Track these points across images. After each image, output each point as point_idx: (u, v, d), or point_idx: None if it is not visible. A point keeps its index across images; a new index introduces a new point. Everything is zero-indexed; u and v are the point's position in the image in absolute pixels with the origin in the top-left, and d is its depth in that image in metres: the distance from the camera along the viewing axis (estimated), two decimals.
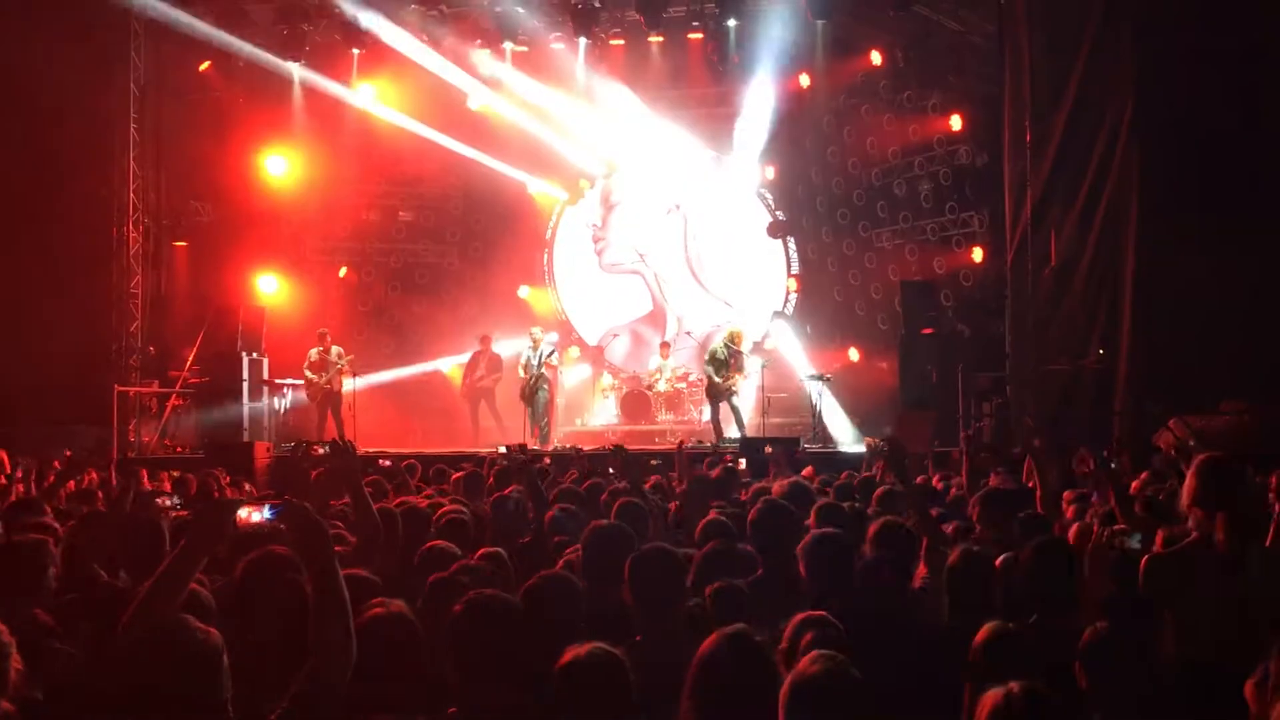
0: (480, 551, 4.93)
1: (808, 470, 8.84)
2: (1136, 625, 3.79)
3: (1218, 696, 3.36)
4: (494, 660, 3.16)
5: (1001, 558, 4.27)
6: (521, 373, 16.00)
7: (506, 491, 6.76)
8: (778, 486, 6.72)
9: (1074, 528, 5.34)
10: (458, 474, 8.50)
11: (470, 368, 17.35)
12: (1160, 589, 3.91)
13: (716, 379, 14.99)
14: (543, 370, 15.88)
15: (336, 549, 4.66)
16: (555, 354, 16.14)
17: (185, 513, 6.46)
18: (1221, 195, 12.19)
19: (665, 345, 18.14)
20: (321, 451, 5.77)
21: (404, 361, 18.21)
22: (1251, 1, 11.94)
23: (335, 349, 16.15)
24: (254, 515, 3.17)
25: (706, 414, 15.94)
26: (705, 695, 2.81)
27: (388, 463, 10.13)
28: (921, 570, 4.53)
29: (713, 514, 5.59)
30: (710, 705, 2.80)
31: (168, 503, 7.10)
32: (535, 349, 16.02)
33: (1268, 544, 4.01)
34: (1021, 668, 3.02)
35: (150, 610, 2.99)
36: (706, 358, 15.45)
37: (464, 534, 5.42)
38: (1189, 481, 4.03)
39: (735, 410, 15.06)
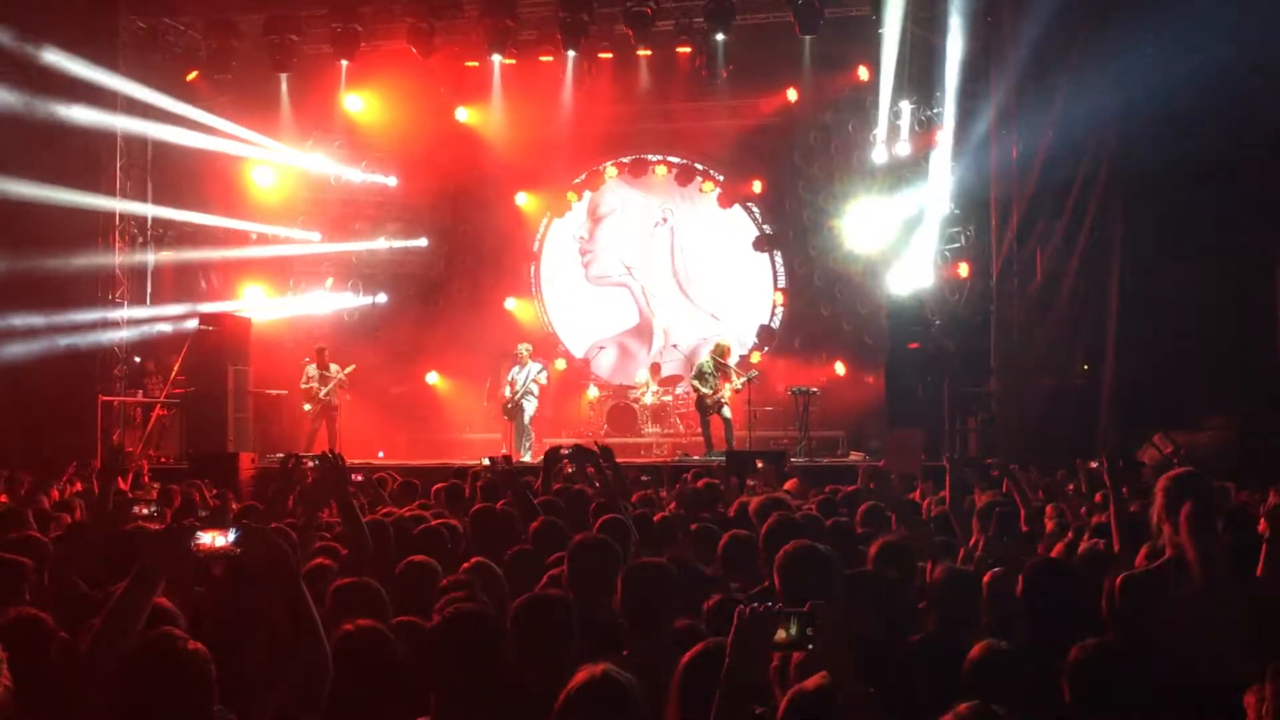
0: (465, 565, 4.91)
1: (791, 483, 8.83)
2: (1125, 643, 3.80)
3: (1205, 714, 3.37)
4: (471, 677, 3.13)
5: (990, 574, 4.27)
6: (507, 390, 16.06)
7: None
8: (755, 501, 6.73)
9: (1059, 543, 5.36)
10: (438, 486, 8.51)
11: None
12: (1134, 607, 3.91)
13: (705, 391, 15.06)
14: (531, 387, 15.93)
15: (320, 561, 4.65)
16: (544, 374, 16.19)
17: (160, 524, 6.41)
18: (1206, 213, 12.30)
19: (656, 366, 18.14)
20: (311, 465, 5.75)
21: (391, 373, 18.16)
22: (1238, 21, 12.03)
23: (334, 366, 16.22)
24: (216, 540, 3.13)
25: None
26: None
27: (359, 477, 10.03)
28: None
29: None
30: None
31: (144, 511, 7.04)
32: (523, 367, 16.04)
33: (1258, 572, 4.01)
34: (1012, 686, 3.03)
35: (110, 634, 2.97)
36: (694, 373, 15.53)
37: (442, 546, 5.40)
38: (1157, 498, 4.04)
39: (726, 423, 15.10)
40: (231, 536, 3.13)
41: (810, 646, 2.72)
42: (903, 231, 15.97)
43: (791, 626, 2.72)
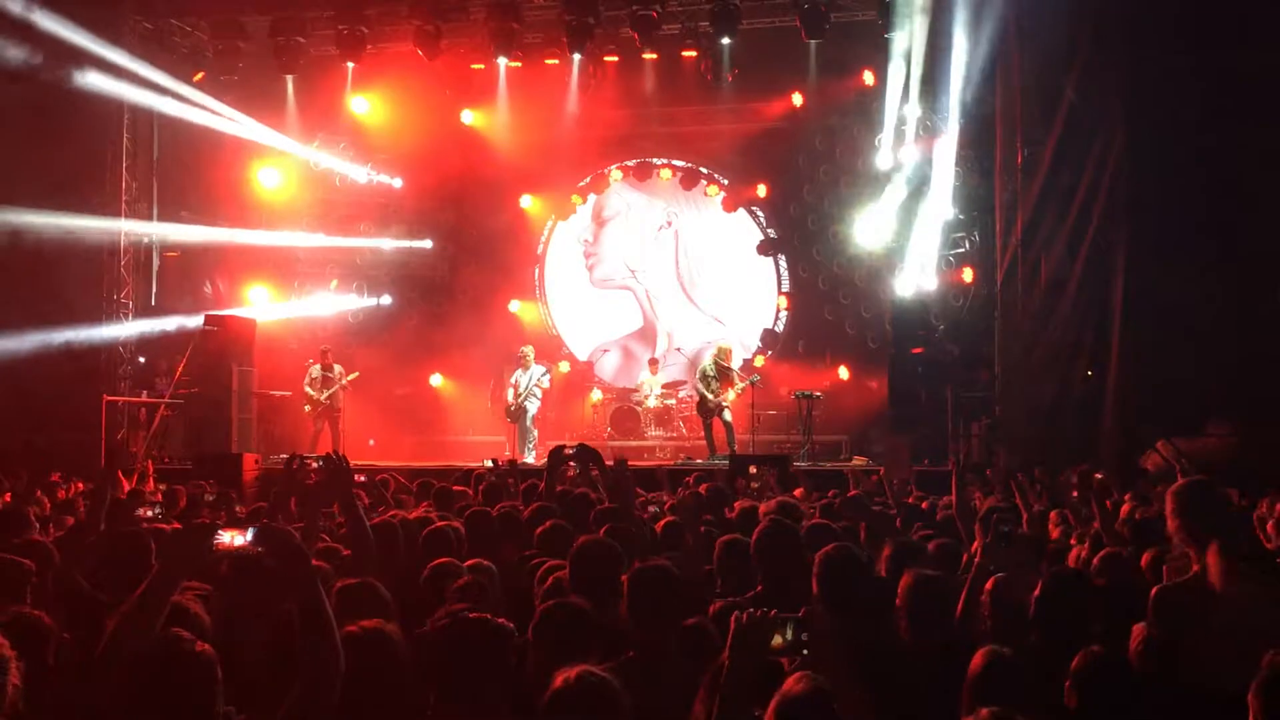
0: (469, 563, 4.91)
1: (798, 491, 8.83)
2: (1128, 649, 3.80)
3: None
4: (474, 683, 3.12)
5: (993, 580, 4.27)
6: (510, 393, 16.07)
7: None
8: (765, 505, 6.73)
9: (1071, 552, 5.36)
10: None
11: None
12: (1170, 619, 3.87)
13: (708, 395, 15.05)
14: (534, 390, 15.93)
15: (318, 563, 4.65)
16: (547, 379, 16.17)
17: (165, 525, 6.42)
18: (1210, 220, 12.29)
19: (654, 361, 18.15)
20: (315, 465, 5.75)
21: (394, 375, 18.18)
22: (1242, 23, 12.04)
23: (337, 367, 16.24)
24: (235, 539, 3.15)
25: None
26: None
27: (362, 478, 10.01)
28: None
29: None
30: None
31: (149, 513, 7.05)
32: (526, 370, 16.04)
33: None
34: (1018, 693, 3.03)
35: (128, 633, 2.98)
36: (697, 376, 15.53)
37: (448, 547, 5.40)
38: (1169, 511, 4.00)
39: (728, 426, 15.09)
40: (250, 535, 3.15)
41: (805, 652, 2.75)
42: (901, 223, 16.00)
43: (787, 632, 2.75)
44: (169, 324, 16.96)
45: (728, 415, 15.15)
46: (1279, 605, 3.80)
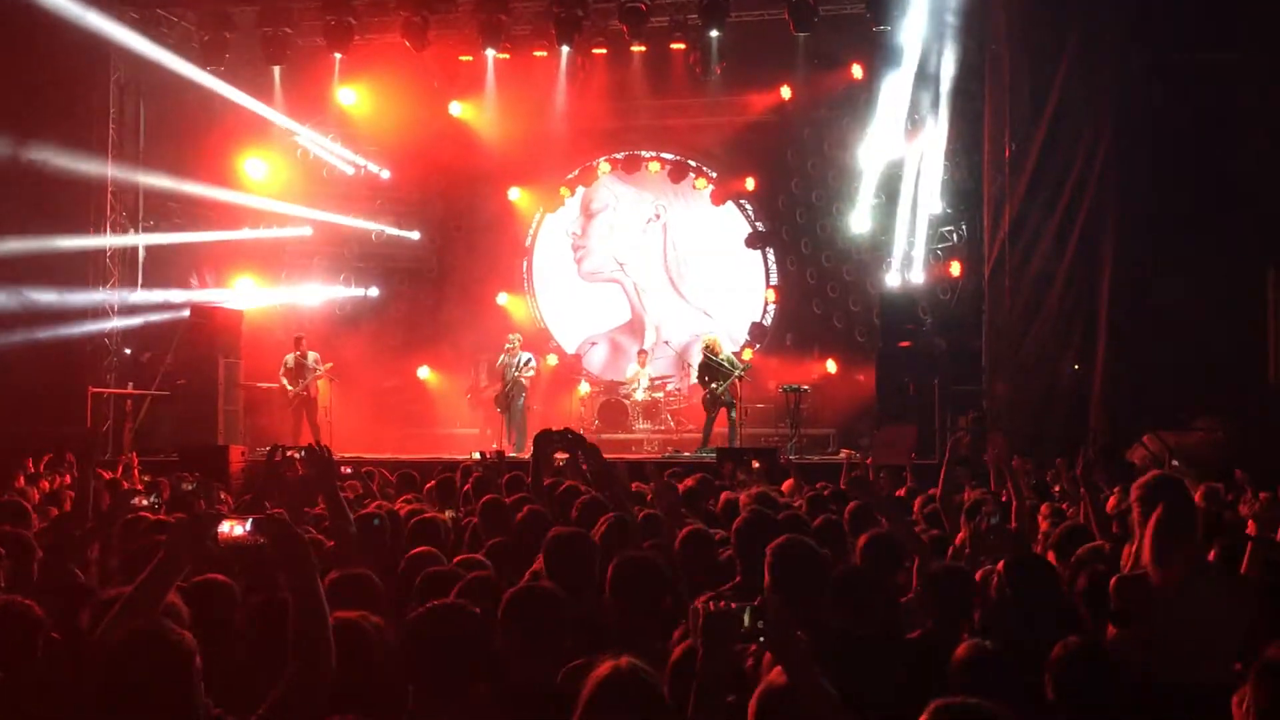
0: (456, 559, 4.90)
1: (787, 484, 8.82)
2: (1105, 639, 3.81)
3: (1186, 713, 3.38)
4: (453, 674, 3.10)
5: (981, 571, 4.28)
6: (485, 375, 16.09)
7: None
8: (745, 496, 6.74)
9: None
10: (430, 483, 8.49)
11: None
12: (1128, 608, 3.92)
13: (706, 390, 15.10)
14: (518, 377, 15.93)
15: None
16: (533, 365, 16.18)
17: (163, 515, 6.40)
18: (1197, 214, 12.33)
19: (643, 353, 18.13)
20: (298, 457, 5.74)
21: (382, 367, 18.14)
22: (1230, 23, 12.07)
23: (312, 354, 16.15)
24: (236, 529, 3.16)
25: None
26: None
27: (347, 469, 9.97)
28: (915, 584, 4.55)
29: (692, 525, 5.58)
30: None
31: (144, 503, 7.02)
32: (513, 356, 16.05)
33: (1243, 569, 4.01)
34: (997, 685, 3.04)
35: (124, 622, 2.97)
36: (696, 374, 15.55)
37: (436, 538, 5.40)
38: (1134, 501, 4.03)
39: (732, 424, 15.08)
40: (250, 525, 3.15)
41: (762, 639, 2.79)
42: (888, 217, 16.02)
43: (745, 619, 2.78)
44: (155, 315, 16.89)
45: (734, 413, 15.14)
46: (1223, 603, 3.84)
